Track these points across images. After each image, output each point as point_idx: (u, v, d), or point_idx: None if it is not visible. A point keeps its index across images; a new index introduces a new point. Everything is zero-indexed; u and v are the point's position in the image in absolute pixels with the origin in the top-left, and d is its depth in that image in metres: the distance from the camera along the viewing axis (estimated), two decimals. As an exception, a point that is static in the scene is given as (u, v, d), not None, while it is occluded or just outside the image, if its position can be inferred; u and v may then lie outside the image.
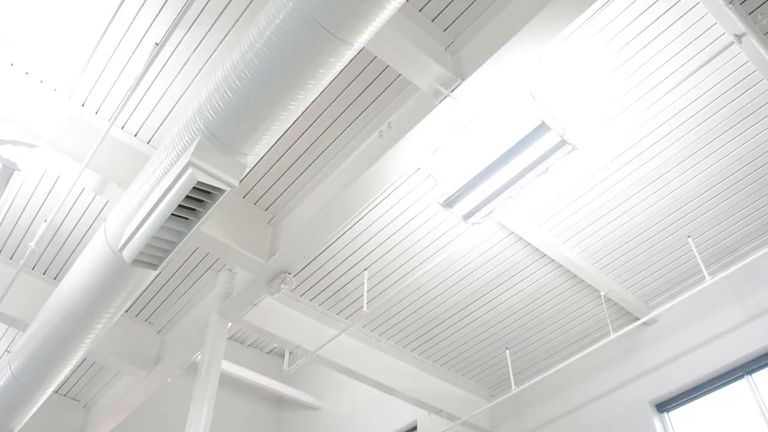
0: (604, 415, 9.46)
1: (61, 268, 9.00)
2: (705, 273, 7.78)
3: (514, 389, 9.58)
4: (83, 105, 6.98)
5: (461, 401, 10.83)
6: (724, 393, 8.55)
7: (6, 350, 10.02)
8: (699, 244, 8.60)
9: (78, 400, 12.02)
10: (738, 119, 7.25)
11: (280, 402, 16.86)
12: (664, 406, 9.01)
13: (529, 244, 8.49)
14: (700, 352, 8.74)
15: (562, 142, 6.56)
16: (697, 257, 8.10)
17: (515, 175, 6.91)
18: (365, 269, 8.85)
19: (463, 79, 5.99)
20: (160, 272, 8.53)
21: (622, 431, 9.10)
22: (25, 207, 8.14)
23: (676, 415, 8.92)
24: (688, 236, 8.43)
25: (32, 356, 7.01)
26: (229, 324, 8.67)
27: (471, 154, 7.19)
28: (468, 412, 10.63)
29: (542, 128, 6.48)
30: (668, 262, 8.86)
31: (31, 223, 8.33)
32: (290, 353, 9.77)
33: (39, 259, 8.89)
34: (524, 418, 10.55)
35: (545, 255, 8.64)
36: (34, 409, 8.29)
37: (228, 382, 15.06)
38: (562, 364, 9.11)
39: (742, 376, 8.40)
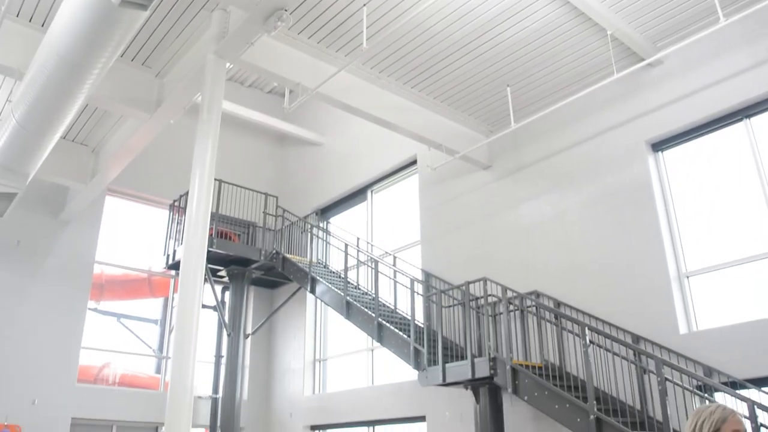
0: (600, 152, 9.71)
1: (48, 14, 8.57)
2: (720, 14, 7.41)
3: (514, 125, 9.72)
4: None
5: (460, 136, 11.06)
6: (720, 135, 8.69)
7: (7, 100, 9.97)
8: (718, -21, 8.11)
9: (86, 145, 12.28)
10: None
11: (283, 140, 17.27)
12: (659, 145, 9.21)
13: (538, -25, 8.01)
14: (702, 95, 8.70)
15: None
16: (714, -6, 7.66)
17: None
18: (364, 4, 8.46)
19: None
20: (152, 13, 8.19)
21: (616, 168, 9.43)
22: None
23: (669, 154, 9.16)
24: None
25: (34, 104, 6.99)
26: (228, 65, 8.53)
27: None
28: (467, 147, 10.91)
29: None
30: (682, 1, 8.42)
31: (6, -40, 7.78)
32: (290, 92, 9.76)
33: (22, 5, 8.43)
34: (521, 153, 10.86)
35: (553, -12, 8.20)
36: (45, 154, 8.50)
37: (231, 122, 15.29)
38: (563, 103, 9.13)
39: (740, 120, 8.46)
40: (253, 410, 14.82)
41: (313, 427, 13.86)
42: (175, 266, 13.05)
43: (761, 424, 5.94)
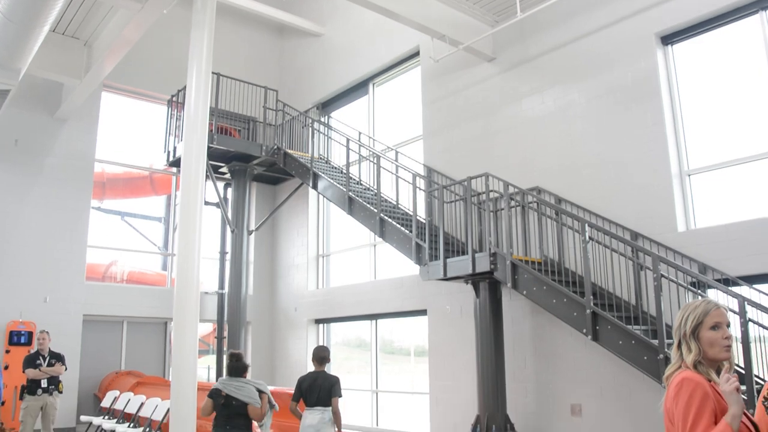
0: (608, 45, 9.33)
1: None
2: None
3: (520, 15, 9.34)
4: None
5: (465, 27, 10.66)
6: (733, 28, 8.27)
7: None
8: None
9: (78, 38, 11.90)
10: None
11: (282, 30, 16.76)
12: (669, 38, 8.81)
13: None
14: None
15: None
16: None
17: None
18: None
19: None
20: None
21: (623, 62, 9.08)
22: None
23: (679, 48, 8.77)
24: None
25: (17, -6, 6.72)
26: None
27: None
28: (471, 38, 10.54)
29: None
30: None
31: None
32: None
33: None
34: (527, 44, 10.49)
35: None
36: (36, 48, 8.25)
37: (227, 12, 14.76)
38: (571, -10, 8.71)
39: (755, 12, 7.99)
40: (259, 305, 15.18)
41: (317, 321, 14.23)
42: (177, 163, 12.96)
43: (749, 319, 6.03)
